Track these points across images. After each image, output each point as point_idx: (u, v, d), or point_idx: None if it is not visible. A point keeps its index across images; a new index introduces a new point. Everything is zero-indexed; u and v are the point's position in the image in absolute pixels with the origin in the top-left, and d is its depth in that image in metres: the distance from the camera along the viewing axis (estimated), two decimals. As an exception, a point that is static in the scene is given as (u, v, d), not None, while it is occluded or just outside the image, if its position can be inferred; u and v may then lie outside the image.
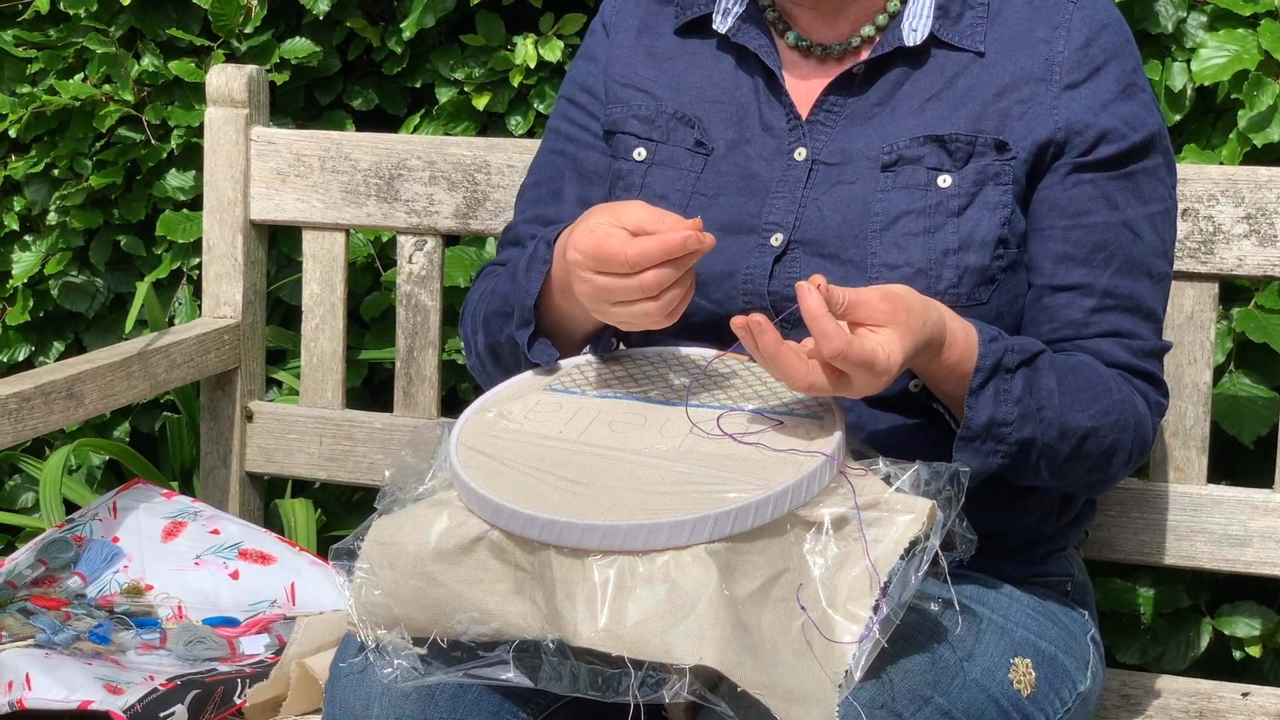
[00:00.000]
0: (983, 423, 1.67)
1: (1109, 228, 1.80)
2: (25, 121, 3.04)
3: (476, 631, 1.54)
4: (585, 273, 1.64)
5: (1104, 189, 1.81)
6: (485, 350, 1.89)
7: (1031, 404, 1.69)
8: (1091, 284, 1.80)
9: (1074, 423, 1.73)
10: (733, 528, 1.48)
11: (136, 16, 3.01)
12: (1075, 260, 1.80)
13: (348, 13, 2.96)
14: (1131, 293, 1.81)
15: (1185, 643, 2.62)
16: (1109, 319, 1.80)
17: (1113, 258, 1.80)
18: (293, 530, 2.69)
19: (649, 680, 1.45)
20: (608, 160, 1.96)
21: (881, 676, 1.57)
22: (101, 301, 3.16)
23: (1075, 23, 1.82)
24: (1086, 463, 1.76)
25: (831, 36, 1.87)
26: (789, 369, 1.55)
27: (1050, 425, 1.71)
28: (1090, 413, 1.74)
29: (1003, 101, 1.81)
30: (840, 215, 1.80)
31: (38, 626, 2.14)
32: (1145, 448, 1.81)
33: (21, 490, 3.20)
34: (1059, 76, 1.81)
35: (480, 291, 1.94)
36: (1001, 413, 1.68)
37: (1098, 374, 1.77)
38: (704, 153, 1.89)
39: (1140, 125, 1.82)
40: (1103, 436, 1.75)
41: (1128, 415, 1.78)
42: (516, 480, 1.55)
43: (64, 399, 2.29)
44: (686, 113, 1.91)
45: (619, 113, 1.95)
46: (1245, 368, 2.55)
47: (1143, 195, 1.82)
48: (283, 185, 2.55)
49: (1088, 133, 1.80)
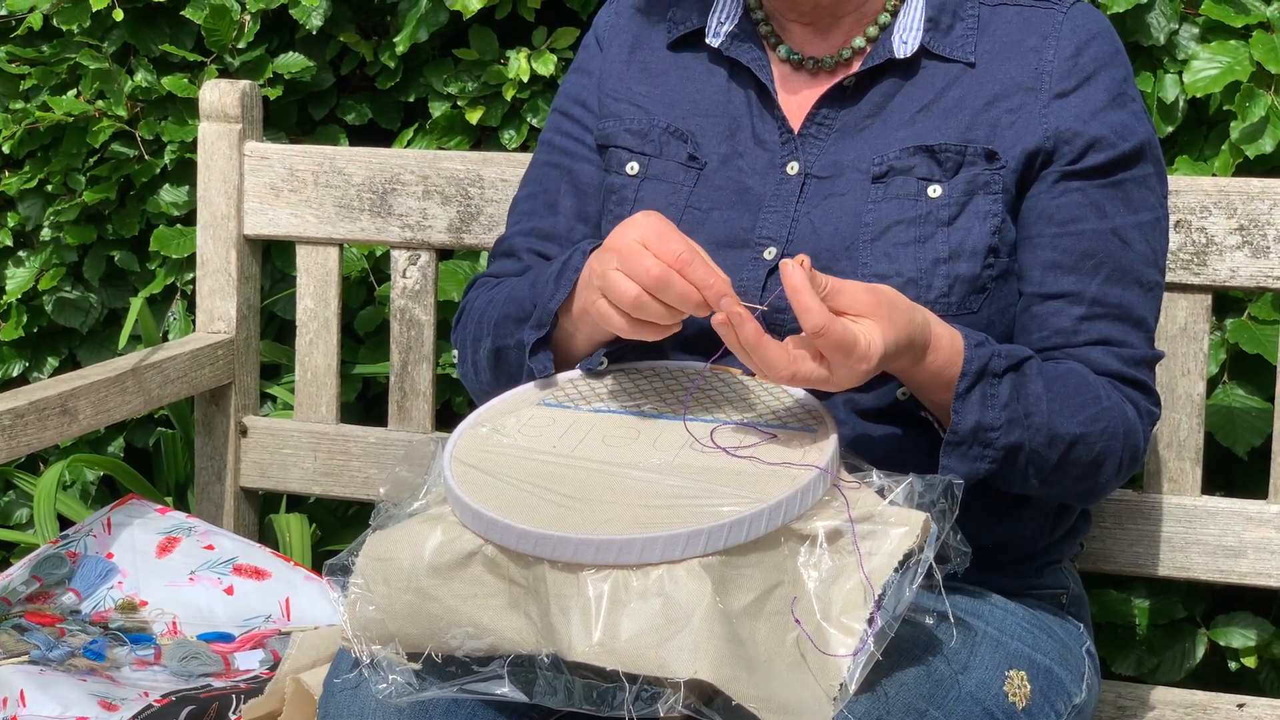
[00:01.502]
0: (969, 427, 1.67)
1: (1097, 235, 1.80)
2: (19, 137, 3.03)
3: (471, 646, 1.53)
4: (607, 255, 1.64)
5: (1092, 197, 1.81)
6: (489, 355, 1.88)
7: (1019, 409, 1.69)
8: (1080, 292, 1.80)
9: (1062, 429, 1.72)
10: (726, 541, 1.48)
11: (130, 32, 3.01)
12: (1064, 268, 1.80)
13: (341, 27, 2.96)
14: (1121, 301, 1.81)
15: (1180, 654, 2.62)
16: (1098, 327, 1.80)
17: (1101, 265, 1.80)
18: (287, 545, 2.69)
19: (644, 694, 1.45)
20: (602, 174, 1.96)
21: (876, 689, 1.57)
22: (95, 317, 3.16)
23: (1065, 32, 1.83)
24: (1076, 470, 1.76)
25: (823, 50, 1.88)
26: (770, 359, 1.55)
27: (1038, 431, 1.70)
28: (1078, 419, 1.74)
29: (992, 111, 1.81)
30: (832, 227, 1.80)
31: (32, 643, 2.14)
32: (1136, 456, 1.81)
33: (16, 506, 3.20)
34: (1049, 85, 1.81)
35: (485, 298, 1.93)
36: (988, 418, 1.68)
37: (1086, 381, 1.77)
38: (697, 167, 1.89)
39: (1130, 134, 1.82)
40: (1092, 443, 1.75)
41: (1117, 423, 1.77)
42: (510, 495, 1.55)
43: (58, 415, 2.29)
44: (679, 127, 1.91)
45: (611, 126, 1.95)
46: (1239, 379, 2.55)
47: (1132, 204, 1.82)
48: (276, 200, 2.55)
49: (1076, 141, 1.80)
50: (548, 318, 1.77)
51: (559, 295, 1.76)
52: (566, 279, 1.76)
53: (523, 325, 1.81)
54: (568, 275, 1.76)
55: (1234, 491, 2.53)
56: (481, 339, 1.89)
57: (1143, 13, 2.56)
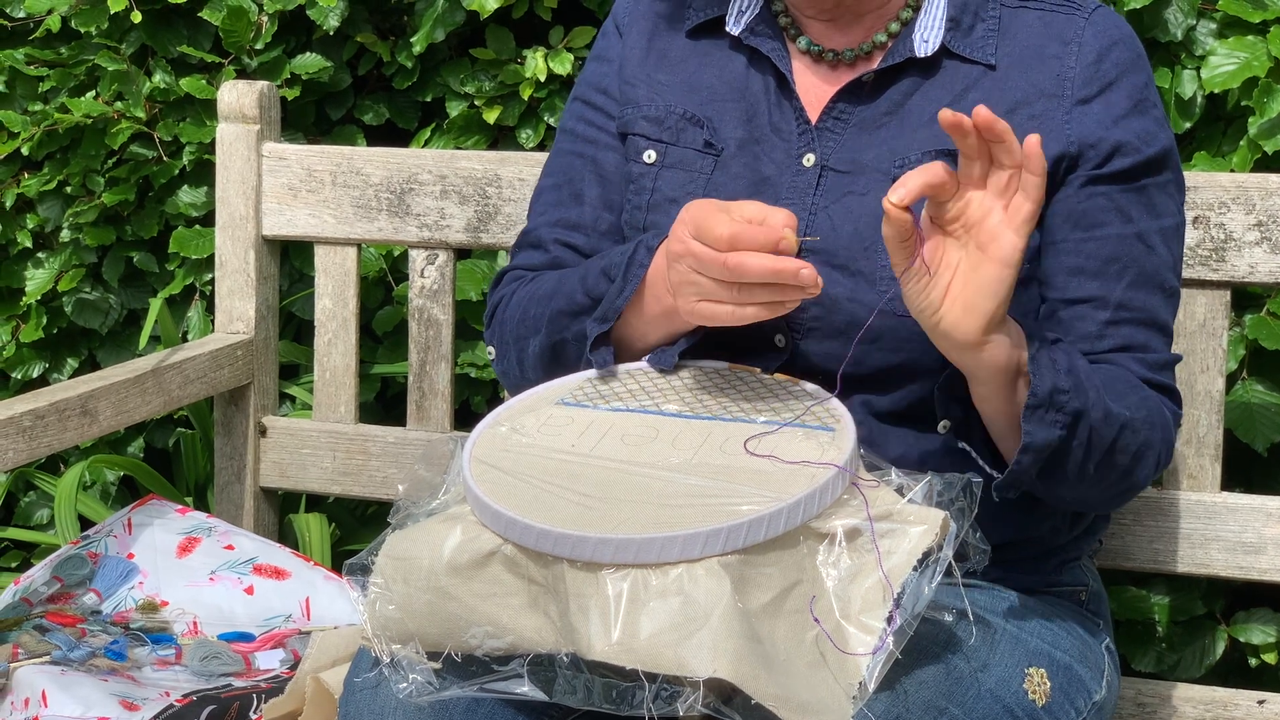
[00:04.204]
0: (1047, 389, 1.63)
1: (1122, 240, 1.80)
2: (38, 139, 3.04)
3: (491, 646, 1.54)
4: (683, 233, 1.65)
5: (1117, 201, 1.80)
6: (542, 352, 1.87)
7: (1079, 378, 1.66)
8: (1105, 296, 1.79)
9: (1114, 408, 1.69)
10: (745, 540, 1.48)
11: (148, 34, 3.02)
12: (1088, 273, 1.80)
13: (358, 28, 2.96)
14: (1145, 305, 1.80)
15: (1200, 650, 2.61)
16: (1123, 332, 1.79)
17: (1126, 270, 1.80)
18: (307, 545, 2.69)
19: (663, 693, 1.45)
20: (625, 161, 1.96)
21: (896, 688, 1.57)
22: (115, 318, 3.17)
23: (1087, 38, 1.82)
24: (1123, 460, 1.72)
25: (843, 43, 1.88)
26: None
27: (1095, 404, 1.67)
28: (1126, 403, 1.71)
29: (1015, 118, 1.80)
30: (852, 226, 1.80)
31: (53, 643, 2.14)
32: (1170, 453, 1.79)
33: (36, 507, 3.21)
34: (1071, 92, 1.81)
35: (526, 294, 1.92)
36: (1060, 380, 1.64)
37: (1125, 372, 1.76)
38: (714, 153, 1.89)
39: (1153, 140, 1.81)
40: (1138, 430, 1.72)
41: (1157, 413, 1.76)
42: (530, 494, 1.55)
43: (78, 416, 2.29)
44: (696, 113, 1.91)
45: (630, 114, 1.95)
46: (1258, 375, 2.55)
47: (1155, 209, 1.82)
48: (294, 200, 2.55)
49: (1101, 145, 1.80)
50: (614, 313, 1.77)
51: (627, 291, 1.76)
52: (634, 274, 1.76)
53: (579, 319, 1.81)
54: (635, 271, 1.76)
55: (1253, 488, 2.52)
56: (529, 336, 1.89)
57: (1160, 8, 2.55)
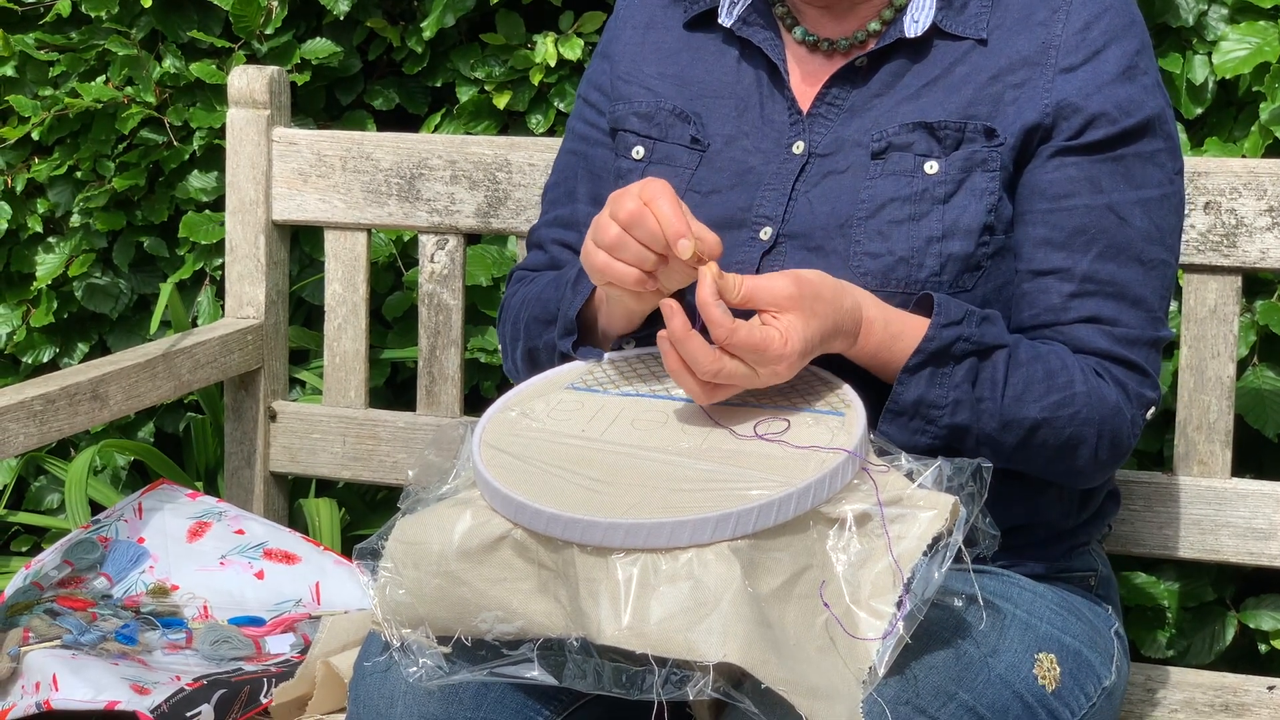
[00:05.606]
0: (910, 400, 1.70)
1: (1090, 211, 1.79)
2: (48, 124, 3.05)
3: (500, 630, 1.54)
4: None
5: (1088, 172, 1.79)
6: (523, 356, 1.90)
7: (971, 394, 1.71)
8: (1070, 268, 1.79)
9: (1021, 415, 1.73)
10: (755, 525, 1.48)
11: (158, 18, 3.02)
12: (1054, 244, 1.79)
13: (368, 13, 2.96)
14: (1114, 278, 1.79)
15: (1210, 636, 2.61)
16: (1088, 304, 1.79)
17: (1094, 241, 1.79)
18: (317, 530, 2.70)
19: (673, 678, 1.45)
20: (614, 157, 1.96)
21: (906, 672, 1.57)
22: (125, 303, 3.17)
23: (1075, 5, 1.82)
24: (1044, 453, 1.76)
25: (838, 32, 1.87)
26: (696, 355, 1.59)
27: (990, 416, 1.72)
28: (1043, 404, 1.73)
29: (996, 86, 1.80)
30: (829, 206, 1.80)
31: (64, 627, 2.15)
32: (1118, 442, 1.79)
33: (47, 491, 3.22)
34: (1055, 60, 1.80)
35: (520, 296, 1.95)
36: (933, 395, 1.70)
37: (1063, 364, 1.75)
38: (700, 149, 1.89)
39: (1136, 109, 1.80)
40: (1059, 429, 1.75)
41: (1092, 409, 1.76)
42: (539, 479, 1.56)
43: (89, 400, 2.30)
44: (685, 109, 1.91)
45: (622, 110, 1.96)
46: (1269, 361, 2.54)
47: (1133, 179, 1.80)
48: (304, 185, 2.55)
49: (1075, 117, 1.79)
50: (570, 325, 1.80)
51: (576, 302, 1.80)
52: (583, 285, 1.80)
53: (549, 327, 1.84)
54: (584, 282, 1.79)
55: (1264, 474, 2.52)
56: (519, 339, 1.92)
57: (1172, -7, 2.55)
